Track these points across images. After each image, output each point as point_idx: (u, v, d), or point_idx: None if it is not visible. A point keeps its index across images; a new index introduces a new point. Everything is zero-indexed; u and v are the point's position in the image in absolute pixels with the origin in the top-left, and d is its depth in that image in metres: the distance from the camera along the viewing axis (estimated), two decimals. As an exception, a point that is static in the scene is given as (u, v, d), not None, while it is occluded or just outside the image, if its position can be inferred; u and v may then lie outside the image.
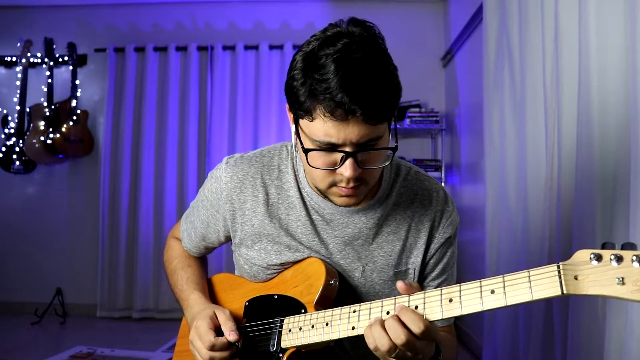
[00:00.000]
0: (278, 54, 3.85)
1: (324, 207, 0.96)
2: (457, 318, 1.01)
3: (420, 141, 3.90)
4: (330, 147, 0.79)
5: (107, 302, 3.79)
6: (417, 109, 3.62)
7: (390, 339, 0.72)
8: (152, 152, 3.85)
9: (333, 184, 0.85)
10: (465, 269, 3.13)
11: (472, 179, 3.12)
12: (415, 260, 0.99)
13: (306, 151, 0.82)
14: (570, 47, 1.60)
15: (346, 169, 0.79)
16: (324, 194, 0.90)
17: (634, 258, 0.56)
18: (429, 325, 0.72)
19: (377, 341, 0.73)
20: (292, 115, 0.87)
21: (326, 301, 0.91)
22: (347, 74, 0.74)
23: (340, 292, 0.95)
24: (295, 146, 1.02)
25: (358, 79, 0.75)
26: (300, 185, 0.98)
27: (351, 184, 0.83)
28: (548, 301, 1.79)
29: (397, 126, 3.59)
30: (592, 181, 1.41)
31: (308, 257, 0.96)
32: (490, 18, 2.43)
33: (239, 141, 3.81)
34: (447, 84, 3.80)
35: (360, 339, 0.78)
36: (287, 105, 0.88)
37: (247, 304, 1.00)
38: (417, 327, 0.71)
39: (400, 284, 0.76)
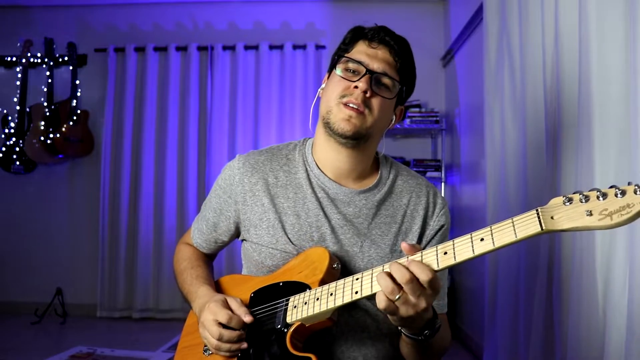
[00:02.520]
0: (278, 54, 3.86)
1: (329, 186, 1.07)
2: (456, 317, 1.02)
3: (420, 141, 3.90)
4: (357, 67, 1.01)
5: (107, 302, 3.80)
6: (417, 109, 3.62)
7: (395, 281, 0.78)
8: (152, 152, 3.85)
9: (342, 98, 1.01)
10: (465, 268, 3.13)
11: (472, 179, 3.12)
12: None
13: (340, 59, 1.05)
14: (570, 47, 1.60)
15: (361, 82, 0.99)
16: (328, 124, 1.02)
17: (598, 195, 0.66)
18: (436, 275, 0.78)
19: (382, 286, 0.78)
20: (327, 76, 1.10)
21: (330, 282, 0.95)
22: (386, 28, 1.06)
23: (341, 270, 1.01)
24: (303, 142, 1.15)
25: (394, 33, 1.06)
26: (308, 169, 1.10)
27: (359, 99, 0.99)
28: (548, 300, 1.79)
29: (396, 126, 3.55)
30: (592, 181, 1.41)
31: (311, 247, 1.02)
32: (490, 18, 2.43)
33: (239, 141, 3.81)
34: (447, 84, 3.80)
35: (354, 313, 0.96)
36: (324, 78, 1.11)
37: (252, 295, 1.03)
38: (425, 275, 0.77)
39: (404, 244, 0.83)
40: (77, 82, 3.92)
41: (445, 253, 0.78)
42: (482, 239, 0.74)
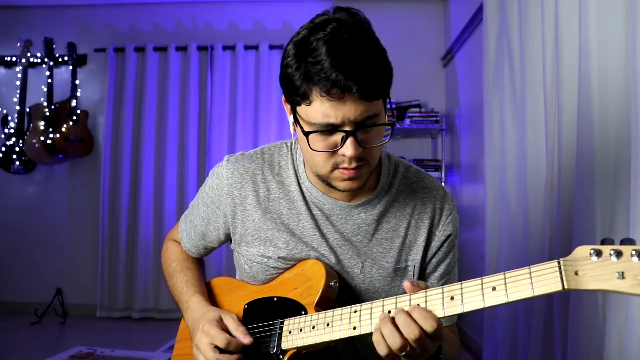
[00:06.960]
0: (278, 54, 3.85)
1: (324, 201, 0.97)
2: (457, 318, 1.02)
3: (420, 141, 3.90)
4: (330, 129, 0.80)
5: (107, 302, 3.80)
6: (417, 109, 3.62)
7: (403, 336, 0.71)
8: (152, 152, 3.85)
9: (335, 167, 0.85)
10: (465, 269, 3.13)
11: (472, 179, 3.12)
12: (414, 258, 0.99)
13: (307, 134, 0.82)
14: (570, 47, 1.60)
15: (348, 149, 0.80)
16: (326, 181, 0.89)
17: (634, 253, 0.57)
18: (440, 323, 0.72)
19: (388, 339, 0.72)
20: (289, 106, 0.88)
21: (326, 302, 0.91)
22: (339, 54, 0.76)
23: (341, 289, 0.95)
24: (296, 141, 1.03)
25: (350, 57, 0.77)
26: (300, 180, 0.99)
27: (353, 164, 0.83)
28: (548, 300, 1.79)
29: (396, 126, 3.56)
30: (592, 181, 1.41)
31: (307, 259, 0.96)
32: (490, 18, 2.43)
33: (239, 141, 3.81)
34: (447, 84, 3.80)
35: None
36: (283, 97, 0.90)
37: (246, 306, 0.99)
38: (429, 325, 0.71)
39: (407, 284, 0.76)
40: (77, 82, 3.91)
41: (452, 298, 0.71)
42: (493, 288, 0.67)
